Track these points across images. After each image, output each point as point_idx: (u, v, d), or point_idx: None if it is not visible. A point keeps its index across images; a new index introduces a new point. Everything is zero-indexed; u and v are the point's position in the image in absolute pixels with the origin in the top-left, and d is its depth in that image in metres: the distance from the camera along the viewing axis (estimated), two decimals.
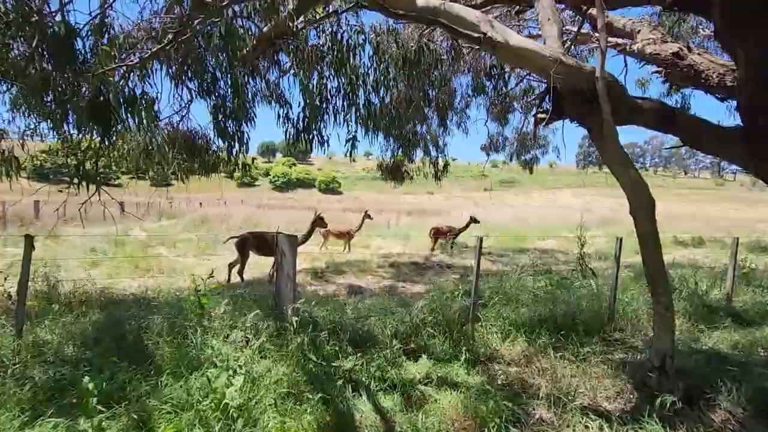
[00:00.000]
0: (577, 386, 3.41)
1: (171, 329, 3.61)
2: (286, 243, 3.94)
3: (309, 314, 3.92)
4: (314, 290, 7.43)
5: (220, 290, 6.15)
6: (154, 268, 8.66)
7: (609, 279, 7.06)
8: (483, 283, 7.14)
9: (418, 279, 8.63)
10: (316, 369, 3.33)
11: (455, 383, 3.44)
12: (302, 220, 20.69)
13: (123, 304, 5.31)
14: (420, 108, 8.90)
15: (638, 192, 3.06)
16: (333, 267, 9.30)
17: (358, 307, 5.78)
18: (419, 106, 8.65)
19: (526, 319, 4.73)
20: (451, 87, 9.58)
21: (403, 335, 4.21)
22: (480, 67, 9.43)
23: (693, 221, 29.85)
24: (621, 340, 4.68)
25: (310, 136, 5.29)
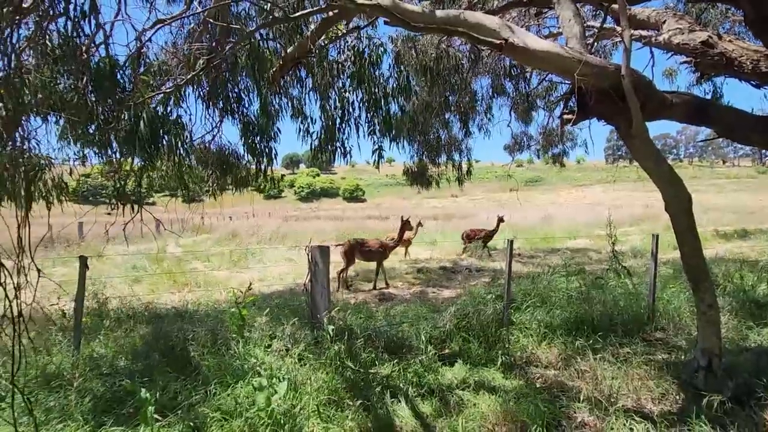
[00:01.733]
0: (619, 388, 3.35)
1: (214, 340, 3.77)
2: (319, 253, 4.05)
3: (344, 323, 4.01)
4: (345, 299, 7.54)
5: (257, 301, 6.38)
6: (192, 283, 8.99)
7: (645, 277, 6.87)
8: (515, 285, 7.08)
9: (447, 284, 8.62)
10: (354, 376, 3.40)
11: (492, 387, 3.44)
12: (328, 230, 21.00)
13: (167, 317, 5.56)
14: (441, 113, 8.96)
15: (673, 188, 3.01)
16: (362, 275, 9.40)
17: (390, 313, 5.85)
18: (440, 112, 8.71)
19: (561, 321, 4.67)
20: (471, 90, 9.59)
21: (437, 341, 4.24)
22: (500, 69, 9.40)
23: (733, 213, 28.46)
24: (663, 340, 4.55)
25: (332, 148, 5.43)
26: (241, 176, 6.74)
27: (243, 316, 3.64)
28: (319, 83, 5.45)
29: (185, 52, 5.01)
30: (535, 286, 6.16)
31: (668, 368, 3.68)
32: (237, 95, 5.84)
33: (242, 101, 5.98)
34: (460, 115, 9.33)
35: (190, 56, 4.80)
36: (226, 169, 6.80)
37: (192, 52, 4.79)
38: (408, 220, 9.17)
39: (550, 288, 6.16)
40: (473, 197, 71.48)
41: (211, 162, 6.85)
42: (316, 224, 26.06)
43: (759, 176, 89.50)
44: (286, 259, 12.50)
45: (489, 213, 32.68)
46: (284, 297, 7.57)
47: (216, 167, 6.80)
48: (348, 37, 5.29)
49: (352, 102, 5.28)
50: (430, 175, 10.30)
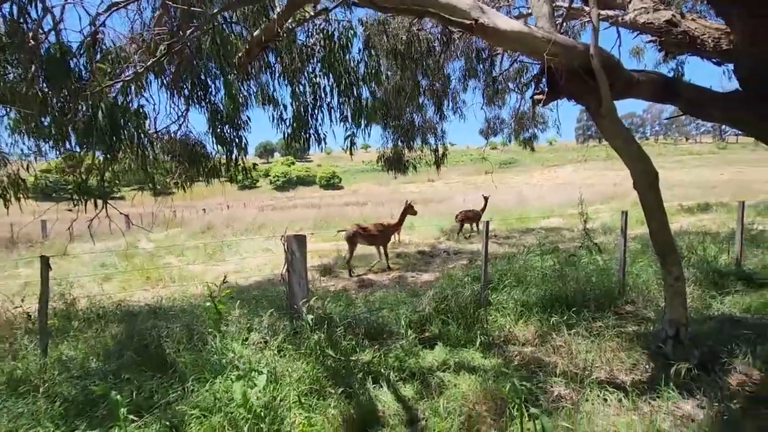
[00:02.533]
0: (593, 361, 3.46)
1: (190, 336, 3.68)
2: (295, 242, 3.99)
3: (323, 311, 3.99)
4: (325, 287, 7.51)
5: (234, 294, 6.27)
6: (166, 278, 8.75)
7: (616, 253, 7.10)
8: (491, 266, 7.20)
9: (426, 268, 8.69)
10: (335, 364, 3.40)
11: (472, 367, 3.50)
12: (305, 218, 20.78)
13: (140, 315, 5.40)
14: (415, 97, 8.90)
15: (641, 166, 3.08)
16: (342, 263, 9.36)
17: (370, 299, 5.87)
18: (414, 96, 8.65)
19: (537, 300, 4.78)
20: (444, 74, 9.55)
21: (416, 325, 4.28)
22: (471, 51, 9.39)
23: (697, 188, 29.72)
24: (633, 312, 4.72)
25: (306, 135, 5.32)
26: (211, 167, 6.54)
27: (219, 310, 3.56)
28: (289, 68, 5.30)
29: (145, 38, 4.77)
30: (511, 267, 6.28)
31: (638, 339, 3.83)
32: (203, 83, 5.63)
33: (209, 89, 5.78)
34: (433, 99, 9.29)
35: (150, 42, 4.57)
36: (194, 160, 6.59)
37: (153, 38, 4.56)
38: (411, 204, 9.46)
39: (526, 267, 6.29)
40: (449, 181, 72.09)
41: (179, 153, 6.62)
42: (293, 213, 25.76)
43: (719, 152, 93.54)
44: (264, 250, 12.32)
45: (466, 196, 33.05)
46: (263, 288, 7.47)
47: (184, 158, 6.58)
48: (316, 20, 5.14)
49: (324, 87, 5.17)
50: (407, 160, 10.27)
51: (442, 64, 9.08)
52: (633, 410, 2.85)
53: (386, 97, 8.84)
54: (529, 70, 9.15)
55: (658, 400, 2.93)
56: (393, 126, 9.64)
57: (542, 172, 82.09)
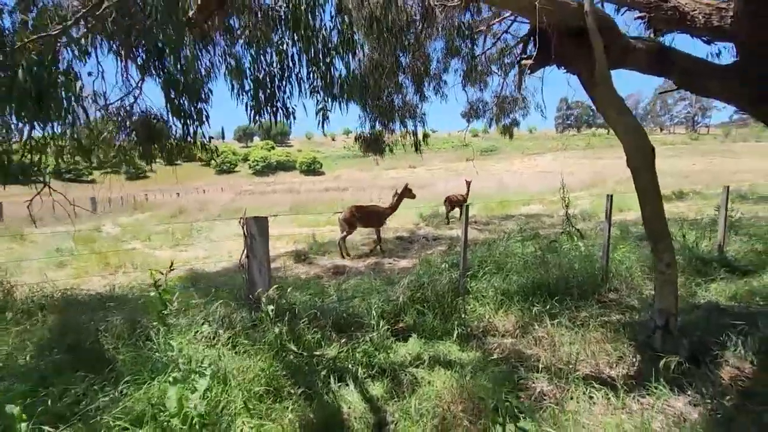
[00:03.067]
0: (577, 354, 3.21)
1: (132, 330, 3.26)
2: (255, 226, 3.58)
3: (286, 301, 3.61)
4: (297, 273, 7.12)
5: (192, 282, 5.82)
6: (127, 264, 8.20)
7: (597, 239, 6.93)
8: (471, 253, 6.93)
9: (404, 254, 8.39)
10: (297, 360, 3.04)
11: (448, 362, 3.20)
12: (282, 203, 20.19)
13: (89, 305, 4.92)
14: (394, 74, 8.45)
15: (636, 140, 2.77)
16: (316, 248, 8.97)
17: (342, 287, 5.51)
18: (393, 72, 8.20)
19: (518, 288, 4.51)
20: (425, 52, 9.12)
21: (390, 315, 3.95)
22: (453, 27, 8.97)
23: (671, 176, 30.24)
24: (617, 300, 4.51)
25: (273, 109, 4.85)
26: (170, 144, 6.00)
27: (165, 300, 3.14)
28: (252, 32, 4.79)
29: None
30: (492, 253, 6.02)
31: (624, 330, 3.60)
32: (159, 49, 5.09)
33: (164, 55, 5.23)
34: (414, 78, 8.85)
35: None
36: (151, 137, 6.04)
37: None
38: (409, 187, 9.43)
39: (506, 254, 6.04)
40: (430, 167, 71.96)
41: (134, 129, 6.06)
42: (271, 198, 25.12)
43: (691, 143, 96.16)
44: (237, 235, 11.75)
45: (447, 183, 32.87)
46: (230, 275, 7.03)
47: (141, 135, 6.02)
48: None
49: (292, 56, 4.69)
50: (384, 141, 9.85)
51: (422, 41, 8.64)
52: (621, 409, 2.60)
53: (364, 72, 8.37)
54: (513, 52, 8.82)
55: (648, 397, 2.69)
56: (371, 106, 9.19)
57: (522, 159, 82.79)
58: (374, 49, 8.00)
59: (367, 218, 8.57)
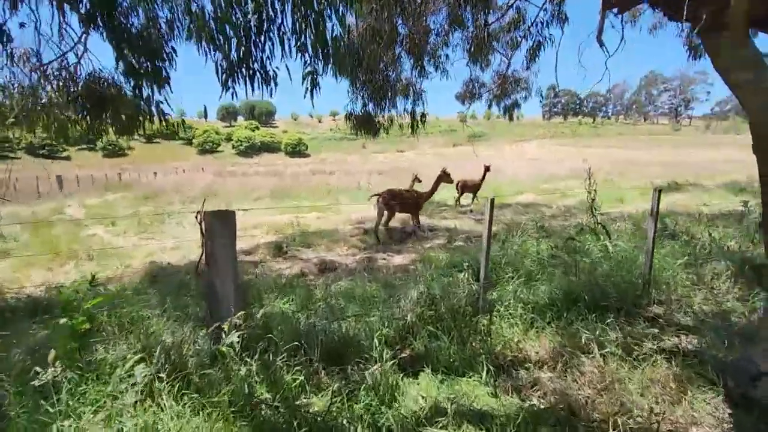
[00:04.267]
0: (650, 408, 2.41)
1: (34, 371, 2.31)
2: (218, 222, 2.64)
3: (259, 323, 2.71)
4: (277, 270, 6.20)
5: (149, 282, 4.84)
6: (82, 255, 7.13)
7: (622, 237, 6.18)
8: (475, 248, 6.12)
9: (398, 247, 7.53)
10: (272, 416, 2.16)
11: (480, 415, 2.37)
12: (264, 186, 19.05)
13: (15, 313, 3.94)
14: (392, 44, 7.43)
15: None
16: (300, 239, 8.04)
17: (332, 291, 4.65)
18: (392, 41, 7.18)
19: (546, 300, 3.71)
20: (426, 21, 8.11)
21: (394, 338, 3.09)
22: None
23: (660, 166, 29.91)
24: (665, 317, 3.75)
25: (249, 72, 3.85)
26: (126, 114, 4.94)
27: (81, 330, 2.21)
28: None
29: None
30: (505, 252, 5.21)
31: (694, 363, 2.83)
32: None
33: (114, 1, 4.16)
34: (412, 50, 7.85)
35: None
36: (102, 105, 4.96)
37: None
38: (446, 171, 9.29)
39: (522, 253, 5.25)
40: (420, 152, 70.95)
41: (79, 95, 4.98)
42: (252, 180, 23.82)
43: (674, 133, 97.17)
44: None
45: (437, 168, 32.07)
46: (200, 270, 6.09)
47: (87, 102, 4.95)
48: None
49: (272, 2, 3.69)
50: (378, 121, 8.88)
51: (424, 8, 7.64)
52: None
53: (359, 42, 7.34)
54: (525, 20, 7.87)
55: None
56: (364, 81, 8.18)
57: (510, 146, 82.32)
58: (370, 13, 6.98)
59: (404, 204, 8.32)
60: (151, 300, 3.91)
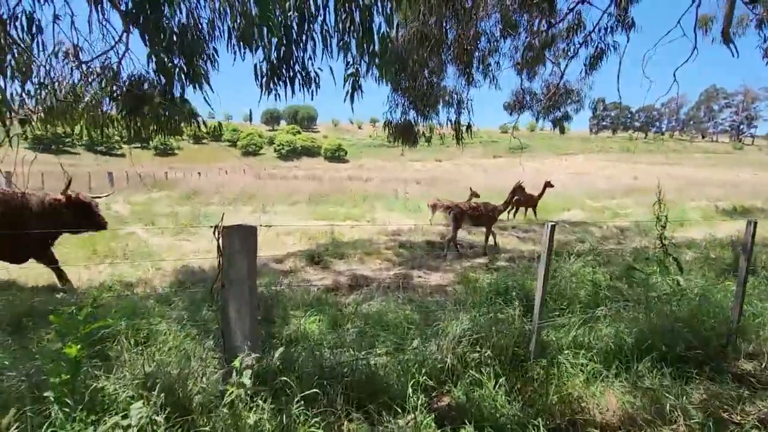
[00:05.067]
0: None
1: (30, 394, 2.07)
2: (237, 239, 2.33)
3: (279, 361, 2.36)
4: (307, 281, 5.92)
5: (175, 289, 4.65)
6: (117, 253, 7.17)
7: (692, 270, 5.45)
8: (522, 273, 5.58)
9: (435, 264, 7.06)
10: None
11: None
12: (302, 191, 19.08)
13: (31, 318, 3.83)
14: (439, 48, 7.05)
15: None
16: (333, 249, 7.74)
17: (360, 312, 4.28)
18: (439, 46, 6.79)
19: (612, 345, 3.15)
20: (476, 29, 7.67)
21: (431, 380, 2.66)
22: None
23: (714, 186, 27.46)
24: (756, 375, 3.10)
25: (290, 73, 3.58)
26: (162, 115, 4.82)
27: (77, 360, 1.93)
28: None
29: None
30: (556, 282, 4.65)
31: None
32: None
33: None
34: (461, 56, 7.44)
35: None
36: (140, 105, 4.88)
37: None
38: (521, 185, 9.04)
39: (577, 282, 4.68)
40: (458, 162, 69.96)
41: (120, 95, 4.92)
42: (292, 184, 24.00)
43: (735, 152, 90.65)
44: None
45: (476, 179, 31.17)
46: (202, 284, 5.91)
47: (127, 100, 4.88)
48: None
49: None
50: (418, 130, 8.50)
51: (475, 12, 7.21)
52: None
53: (403, 46, 7.02)
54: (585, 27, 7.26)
55: None
56: (407, 87, 7.85)
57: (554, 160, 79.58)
58: (418, 17, 6.64)
59: (477, 217, 8.11)
60: (169, 312, 3.69)
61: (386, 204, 15.79)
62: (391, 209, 14.84)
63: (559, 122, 13.06)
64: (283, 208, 15.05)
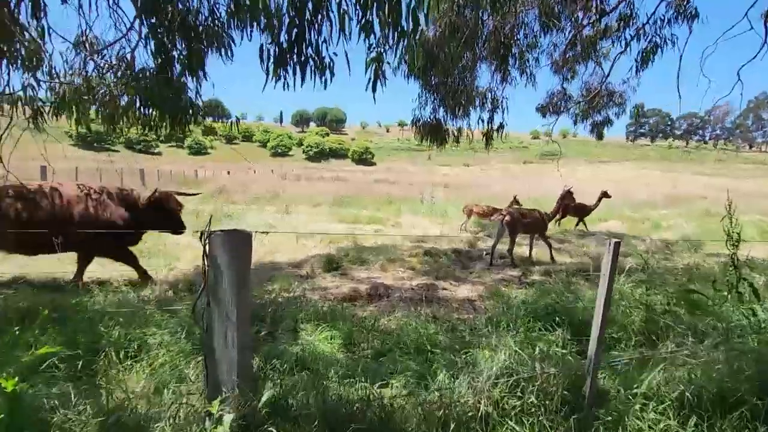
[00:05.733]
0: None
1: None
2: (227, 247, 1.90)
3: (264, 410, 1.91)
4: (324, 288, 5.49)
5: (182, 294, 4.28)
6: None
7: None
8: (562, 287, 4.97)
9: (463, 275, 6.50)
10: None
11: None
12: (326, 192, 18.81)
13: None
14: (473, 42, 6.50)
15: None
16: (354, 254, 7.31)
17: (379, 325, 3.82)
18: (474, 37, 6.24)
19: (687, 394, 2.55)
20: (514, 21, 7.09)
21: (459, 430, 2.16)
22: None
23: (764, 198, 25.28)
24: None
25: (301, 58, 3.16)
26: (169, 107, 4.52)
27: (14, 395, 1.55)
28: None
29: None
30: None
31: None
32: None
33: None
34: (497, 50, 6.86)
35: None
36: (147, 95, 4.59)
37: None
38: (570, 191, 8.46)
39: (627, 306, 4.06)
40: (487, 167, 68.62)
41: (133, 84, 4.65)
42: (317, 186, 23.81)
43: None
44: (267, 225, 10.44)
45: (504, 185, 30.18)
46: None
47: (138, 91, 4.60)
48: None
49: None
50: (446, 129, 7.96)
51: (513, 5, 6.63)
52: None
53: (434, 40, 6.54)
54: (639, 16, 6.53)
55: None
56: (437, 83, 7.35)
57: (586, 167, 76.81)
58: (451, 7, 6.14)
59: (528, 225, 7.66)
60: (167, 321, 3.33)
61: (412, 208, 15.27)
62: (417, 213, 14.32)
63: (599, 127, 12.23)
64: (306, 209, 14.79)
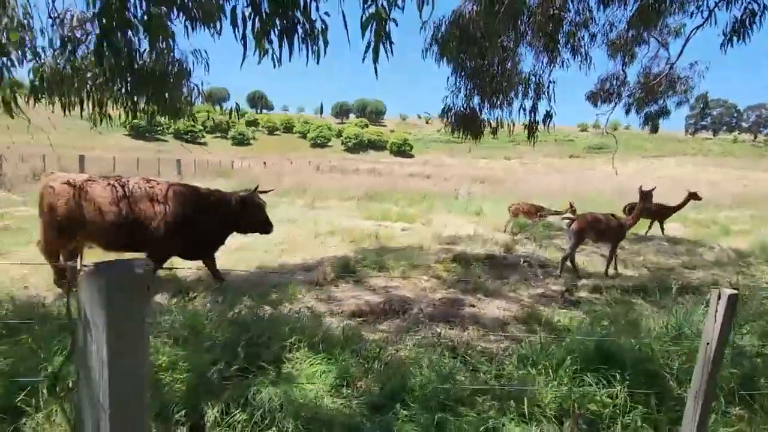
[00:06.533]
0: None
1: None
2: (95, 292, 1.24)
3: None
4: (332, 300, 4.85)
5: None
6: None
7: None
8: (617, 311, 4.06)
9: (495, 287, 5.62)
10: None
11: None
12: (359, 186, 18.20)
13: None
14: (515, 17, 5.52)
15: None
16: (374, 256, 6.61)
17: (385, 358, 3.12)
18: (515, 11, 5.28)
19: None
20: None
21: None
22: None
23: None
24: None
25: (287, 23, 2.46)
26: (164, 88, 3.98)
27: None
28: None
29: None
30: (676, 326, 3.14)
31: None
32: None
33: None
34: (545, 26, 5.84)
35: None
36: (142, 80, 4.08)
37: None
38: (647, 191, 7.10)
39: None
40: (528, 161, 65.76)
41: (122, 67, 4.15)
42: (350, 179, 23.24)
43: None
44: (289, 222, 9.97)
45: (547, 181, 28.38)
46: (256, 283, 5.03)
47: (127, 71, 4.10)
48: None
49: None
50: (482, 119, 7.02)
51: None
52: None
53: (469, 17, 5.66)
54: None
55: None
56: (472, 67, 6.45)
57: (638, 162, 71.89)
58: None
59: (602, 233, 6.79)
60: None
61: (445, 204, 14.37)
62: (450, 210, 13.42)
63: (653, 118, 10.79)
64: (335, 203, 14.27)
